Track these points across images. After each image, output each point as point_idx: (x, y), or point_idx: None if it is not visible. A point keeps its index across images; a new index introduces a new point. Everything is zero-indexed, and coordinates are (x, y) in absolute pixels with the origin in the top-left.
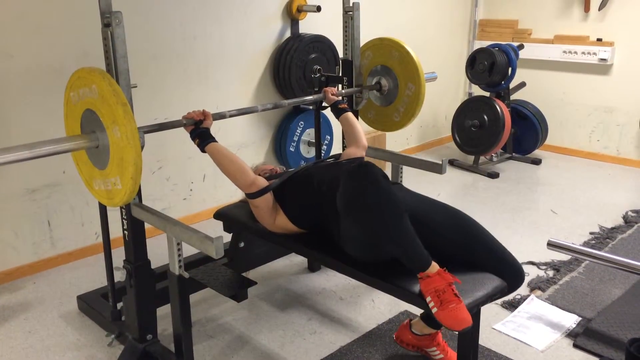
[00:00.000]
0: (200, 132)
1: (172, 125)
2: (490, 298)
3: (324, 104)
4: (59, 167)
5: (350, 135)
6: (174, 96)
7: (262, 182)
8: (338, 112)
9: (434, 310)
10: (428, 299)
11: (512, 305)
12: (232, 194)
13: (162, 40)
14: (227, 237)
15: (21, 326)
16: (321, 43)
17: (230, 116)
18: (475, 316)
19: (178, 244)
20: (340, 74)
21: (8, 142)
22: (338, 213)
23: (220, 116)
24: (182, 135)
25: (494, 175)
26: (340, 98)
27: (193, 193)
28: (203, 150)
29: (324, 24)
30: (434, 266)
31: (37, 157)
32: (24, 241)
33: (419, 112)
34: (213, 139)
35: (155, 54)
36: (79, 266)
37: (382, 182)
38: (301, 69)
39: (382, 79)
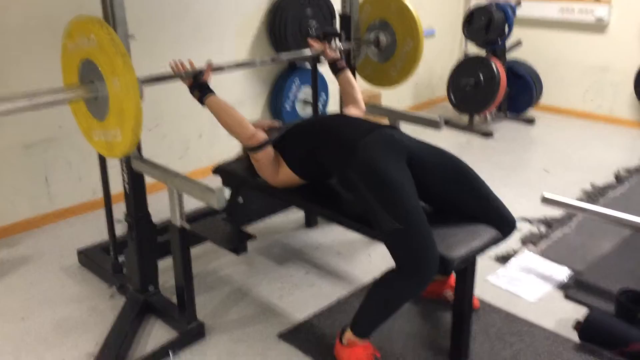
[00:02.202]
0: (199, 84)
1: (168, 77)
2: (485, 247)
3: (322, 58)
4: (55, 122)
5: (349, 95)
6: (169, 51)
7: (262, 136)
8: (337, 70)
9: None
10: None
11: (505, 259)
12: (229, 152)
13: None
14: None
15: (22, 279)
16: None
17: (228, 69)
18: (472, 266)
19: (179, 195)
20: (339, 29)
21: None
22: (339, 162)
23: (218, 69)
24: (178, 93)
25: (488, 135)
26: (338, 55)
27: (189, 151)
28: (202, 103)
29: None
30: (368, 342)
31: (35, 106)
32: (22, 196)
33: (417, 68)
34: (212, 92)
35: (150, 9)
36: (77, 222)
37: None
38: (297, 25)
39: (380, 34)
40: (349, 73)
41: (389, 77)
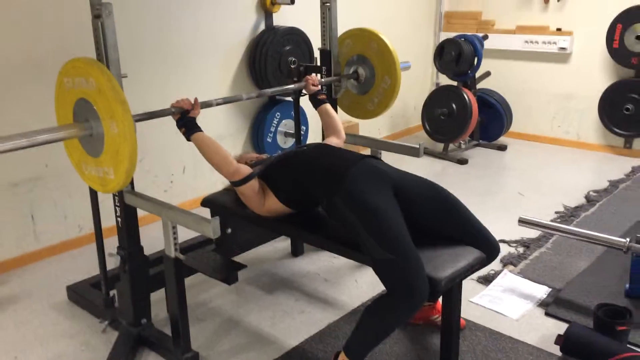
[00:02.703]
0: (186, 121)
1: (161, 113)
2: (470, 268)
3: (304, 91)
4: (41, 161)
5: (330, 126)
6: (151, 87)
7: (245, 170)
8: (317, 103)
9: None
10: None
11: (487, 280)
12: (212, 185)
13: (138, 33)
14: None
15: (11, 317)
16: (295, 35)
17: (217, 104)
18: (458, 286)
19: (173, 227)
20: (319, 64)
21: None
22: (326, 192)
23: (207, 105)
24: (161, 127)
25: (463, 162)
26: (320, 88)
27: (174, 185)
28: (189, 139)
29: (298, 16)
30: None
31: (34, 145)
32: (7, 235)
33: (393, 103)
34: (199, 129)
35: (133, 46)
36: (63, 259)
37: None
38: (276, 61)
39: (360, 68)
40: (328, 105)
41: (366, 109)
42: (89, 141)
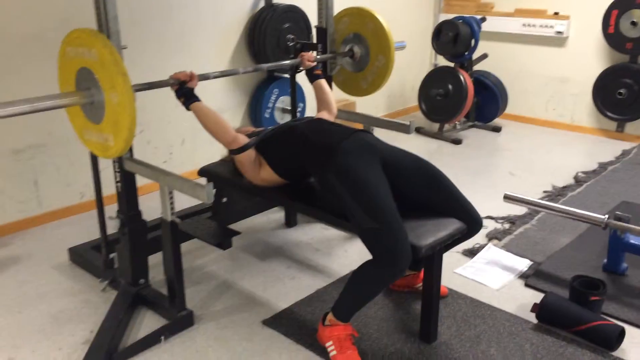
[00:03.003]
0: (185, 91)
1: (160, 84)
2: (451, 237)
3: (300, 68)
4: (44, 128)
5: (322, 101)
6: (152, 62)
7: (243, 140)
8: (312, 77)
9: (333, 353)
10: (329, 343)
11: (471, 253)
12: (210, 157)
13: (139, 6)
14: None
15: (14, 277)
16: (294, 13)
17: (214, 77)
18: (438, 254)
19: (170, 192)
20: (315, 41)
21: None
22: (319, 164)
23: (204, 77)
24: (162, 100)
25: (457, 142)
26: (315, 64)
27: (173, 156)
28: (188, 109)
29: None
30: (348, 324)
31: (36, 110)
32: (11, 200)
33: (386, 83)
34: (197, 99)
35: (134, 21)
36: (65, 224)
37: (401, 270)
38: (275, 38)
39: (355, 47)
40: (323, 80)
41: (360, 87)
42: (90, 109)
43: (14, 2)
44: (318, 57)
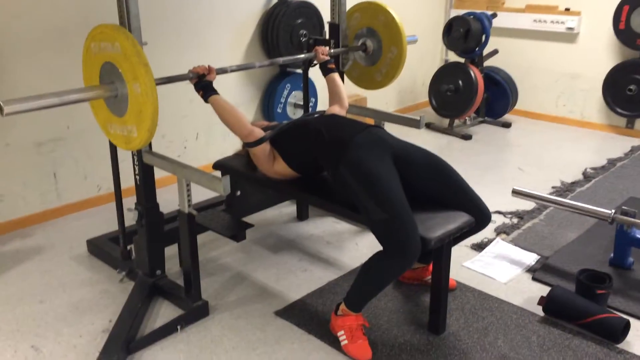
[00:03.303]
0: (204, 84)
1: (180, 78)
2: (460, 230)
3: (314, 62)
4: (63, 123)
5: (334, 94)
6: (168, 58)
7: (259, 133)
8: (326, 71)
9: (344, 342)
10: (341, 332)
11: (480, 247)
12: (224, 151)
13: (157, 4)
14: None
15: (36, 266)
16: (307, 9)
17: (232, 71)
18: (447, 246)
19: (187, 185)
20: (328, 37)
21: None
22: (331, 158)
23: (222, 71)
24: (177, 96)
25: (467, 137)
26: (329, 58)
27: (187, 150)
28: (206, 101)
29: None
30: (359, 314)
31: (64, 103)
32: (33, 191)
33: (400, 74)
34: (215, 92)
35: (152, 18)
36: (83, 216)
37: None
38: (288, 34)
39: (368, 41)
40: (336, 74)
41: (374, 80)
42: (114, 102)
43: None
44: (332, 51)
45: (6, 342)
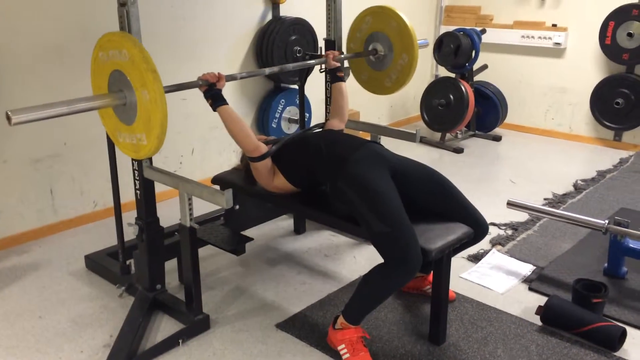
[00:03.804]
0: (213, 92)
1: (189, 85)
2: (459, 241)
3: (322, 68)
4: (60, 139)
5: (338, 107)
6: (165, 73)
7: (264, 148)
8: (335, 79)
9: (346, 356)
10: (341, 346)
11: (476, 258)
12: (219, 167)
13: (153, 22)
14: None
15: (34, 282)
16: (301, 26)
17: (241, 78)
18: (447, 258)
19: (189, 199)
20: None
21: None
22: (330, 174)
23: (231, 78)
24: (172, 110)
25: (459, 151)
26: (339, 64)
27: (182, 166)
28: (215, 110)
29: (303, 7)
30: (359, 326)
31: (73, 112)
32: (29, 208)
33: (410, 81)
34: (225, 102)
35: (149, 34)
36: (79, 232)
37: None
38: (282, 50)
39: (378, 45)
40: (344, 84)
41: (383, 86)
42: (123, 110)
43: (36, 14)
44: (342, 56)
45: (7, 359)
